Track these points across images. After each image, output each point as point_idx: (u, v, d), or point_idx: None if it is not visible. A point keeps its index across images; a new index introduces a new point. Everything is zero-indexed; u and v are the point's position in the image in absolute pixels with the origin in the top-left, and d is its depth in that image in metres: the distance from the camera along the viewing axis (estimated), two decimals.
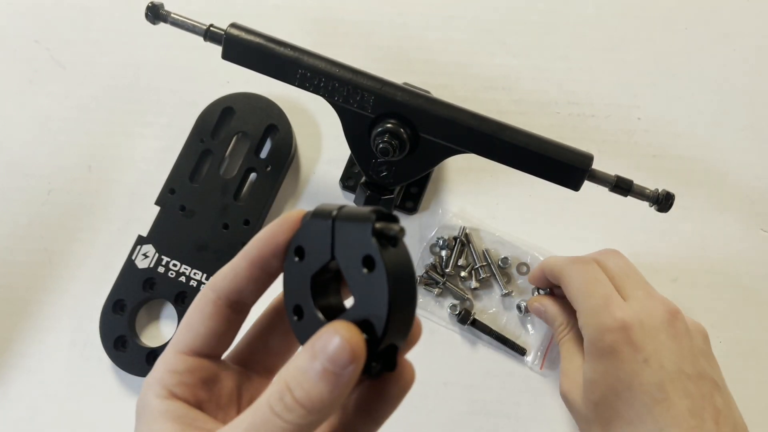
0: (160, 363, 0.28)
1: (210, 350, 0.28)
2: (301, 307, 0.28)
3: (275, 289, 0.30)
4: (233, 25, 0.49)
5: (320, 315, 0.28)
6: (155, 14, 0.50)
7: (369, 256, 0.25)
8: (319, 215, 0.28)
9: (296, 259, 0.28)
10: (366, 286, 0.26)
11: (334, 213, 0.27)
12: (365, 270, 0.25)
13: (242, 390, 0.30)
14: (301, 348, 0.26)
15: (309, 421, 0.24)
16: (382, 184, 0.52)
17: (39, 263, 0.59)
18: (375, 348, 0.25)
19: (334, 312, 0.28)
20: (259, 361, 0.31)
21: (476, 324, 0.56)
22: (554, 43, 0.63)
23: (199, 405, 0.28)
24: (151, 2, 0.50)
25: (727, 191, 0.60)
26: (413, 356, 0.29)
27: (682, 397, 0.41)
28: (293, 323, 0.28)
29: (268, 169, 0.59)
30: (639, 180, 0.48)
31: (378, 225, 0.25)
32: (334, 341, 0.24)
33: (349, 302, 0.27)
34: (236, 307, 0.29)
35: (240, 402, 0.30)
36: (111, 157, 0.62)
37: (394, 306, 0.25)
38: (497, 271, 0.57)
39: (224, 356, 0.31)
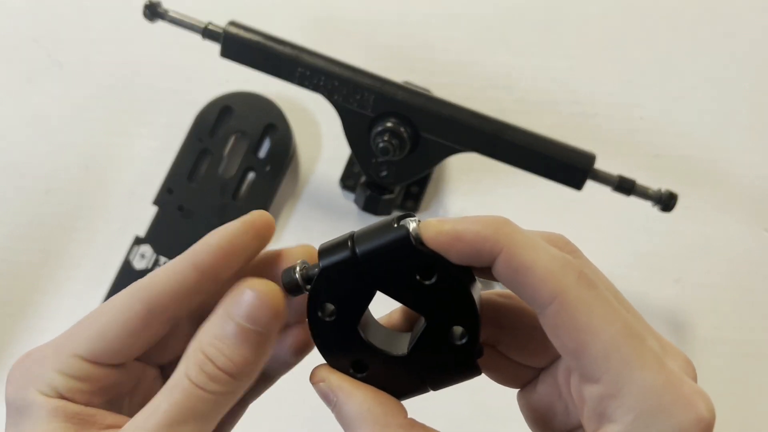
0: (48, 359, 0.24)
1: (118, 362, 0.25)
2: (362, 361, 0.25)
3: None
4: (232, 23, 0.48)
5: (393, 353, 0.25)
6: (153, 12, 0.50)
7: (424, 266, 0.23)
8: (328, 253, 0.24)
9: (326, 318, 0.24)
10: (429, 294, 0.24)
11: (350, 246, 0.23)
12: (425, 281, 0.23)
13: (138, 385, 0.26)
14: (213, 314, 0.24)
15: (236, 387, 0.23)
16: (383, 183, 0.52)
17: (36, 263, 0.59)
18: (476, 342, 0.24)
19: (400, 342, 0.25)
20: (153, 357, 0.27)
21: None
22: (556, 41, 0.63)
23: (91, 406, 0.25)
24: (149, 0, 0.50)
25: (730, 191, 0.59)
26: None
27: None
28: (359, 377, 0.25)
29: (267, 168, 0.58)
30: (641, 180, 0.48)
31: (413, 226, 0.23)
32: (248, 297, 0.23)
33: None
34: (170, 322, 0.25)
35: (132, 397, 0.26)
36: (109, 156, 0.61)
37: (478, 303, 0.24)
38: None
39: None
